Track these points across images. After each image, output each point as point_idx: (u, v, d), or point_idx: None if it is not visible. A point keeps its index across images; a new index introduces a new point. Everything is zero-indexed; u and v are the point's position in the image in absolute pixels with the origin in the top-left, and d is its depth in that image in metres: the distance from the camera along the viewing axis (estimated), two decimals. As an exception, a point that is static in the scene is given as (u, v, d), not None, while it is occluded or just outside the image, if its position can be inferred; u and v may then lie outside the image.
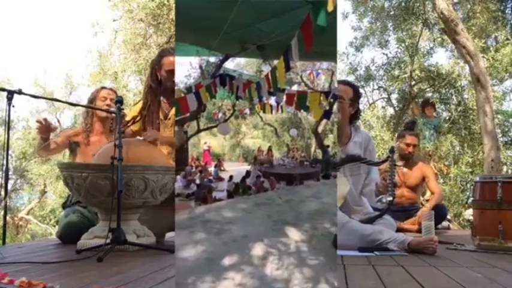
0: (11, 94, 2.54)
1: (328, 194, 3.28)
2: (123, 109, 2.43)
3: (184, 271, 1.70)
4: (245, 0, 2.77)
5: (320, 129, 10.82)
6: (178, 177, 6.12)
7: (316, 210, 2.77)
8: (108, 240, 2.16)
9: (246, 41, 4.24)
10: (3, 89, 2.56)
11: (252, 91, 3.97)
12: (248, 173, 6.83)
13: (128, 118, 2.95)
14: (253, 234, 2.15)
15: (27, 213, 11.12)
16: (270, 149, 9.85)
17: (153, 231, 2.54)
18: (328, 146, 10.29)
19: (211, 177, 7.32)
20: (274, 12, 3.08)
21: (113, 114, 2.84)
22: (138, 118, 2.97)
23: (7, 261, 2.02)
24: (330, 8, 1.95)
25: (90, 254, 2.08)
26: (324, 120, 9.68)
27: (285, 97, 4.18)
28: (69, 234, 2.69)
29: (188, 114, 4.98)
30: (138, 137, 2.96)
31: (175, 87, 3.75)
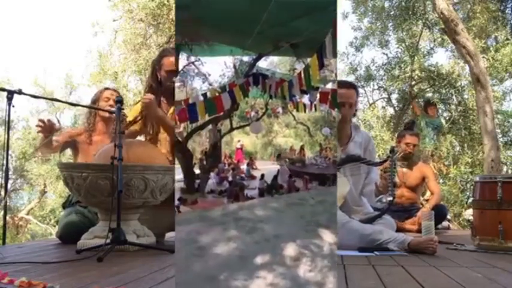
0: (11, 94, 2.54)
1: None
2: (123, 109, 2.43)
3: (217, 267, 1.70)
4: None
5: None
6: (212, 174, 6.18)
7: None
8: (108, 240, 2.16)
9: (280, 40, 4.25)
10: (3, 89, 2.56)
11: (285, 90, 3.97)
12: (279, 171, 6.87)
13: (129, 119, 2.95)
14: (285, 234, 2.14)
15: (27, 213, 11.12)
16: (302, 148, 9.85)
17: (153, 231, 2.54)
18: None
19: (243, 175, 7.38)
20: (308, 10, 3.07)
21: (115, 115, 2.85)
22: (139, 118, 2.98)
23: (7, 261, 2.02)
24: None
25: (90, 254, 2.08)
26: None
27: (318, 95, 4.18)
28: (69, 234, 2.68)
29: (222, 113, 5.04)
30: (139, 138, 2.97)
31: (210, 87, 3.77)
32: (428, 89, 8.75)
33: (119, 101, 2.42)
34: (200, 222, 2.47)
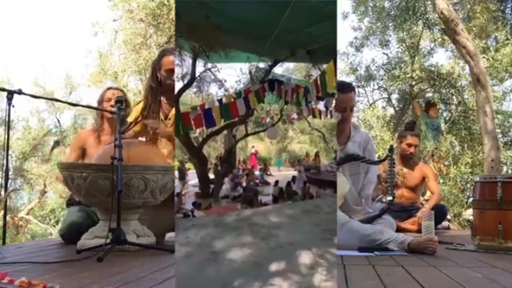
0: (11, 94, 2.54)
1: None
2: (123, 109, 2.43)
3: (231, 273, 1.67)
4: (294, 6, 2.76)
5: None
6: (226, 179, 6.17)
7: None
8: (108, 240, 2.16)
9: (296, 46, 4.25)
10: (3, 89, 2.56)
11: (300, 96, 3.98)
12: (294, 178, 6.81)
13: (130, 119, 2.95)
14: (300, 241, 2.11)
15: (27, 213, 11.11)
16: (317, 155, 9.75)
17: (153, 231, 2.54)
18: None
19: (257, 181, 7.35)
20: (323, 16, 3.07)
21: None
22: (140, 119, 2.98)
23: (7, 261, 2.02)
24: None
25: (90, 254, 2.08)
26: None
27: (334, 102, 4.19)
28: (72, 234, 2.68)
29: (237, 119, 5.05)
30: (140, 138, 2.97)
31: (226, 93, 3.78)
32: (428, 89, 8.75)
33: (119, 101, 2.42)
34: (214, 227, 2.46)
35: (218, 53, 4.44)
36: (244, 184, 6.55)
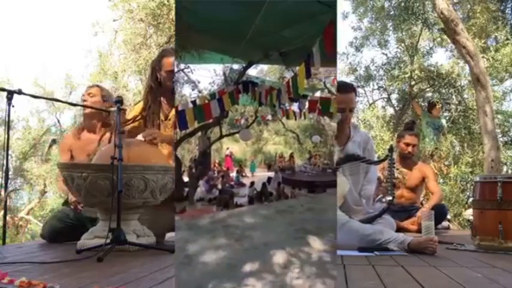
0: (11, 94, 2.54)
1: None
2: (123, 109, 2.44)
3: (205, 276, 1.69)
4: (268, 8, 2.76)
5: None
6: (201, 181, 6.18)
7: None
8: (108, 240, 2.16)
9: (269, 48, 4.25)
10: (3, 89, 2.57)
11: (274, 97, 3.99)
12: (269, 179, 6.85)
13: (128, 117, 2.96)
14: (274, 241, 2.13)
15: (27, 213, 11.11)
16: (291, 156, 9.84)
17: (153, 231, 2.54)
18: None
19: (232, 183, 7.36)
20: (297, 19, 3.07)
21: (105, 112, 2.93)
22: (139, 118, 2.98)
23: (7, 261, 2.02)
24: None
25: (90, 254, 2.08)
26: None
27: (307, 103, 4.21)
28: (50, 237, 2.86)
29: (211, 120, 5.04)
30: (138, 137, 2.96)
31: (200, 95, 3.77)
32: (428, 89, 8.75)
33: (119, 101, 2.42)
34: (188, 230, 2.48)
35: (191, 54, 4.43)
36: (219, 186, 6.56)
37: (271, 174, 7.44)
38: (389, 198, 2.75)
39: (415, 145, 4.14)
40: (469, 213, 6.40)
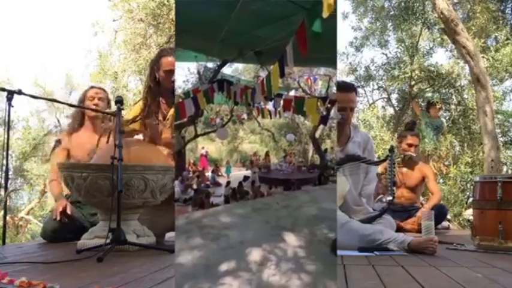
0: (11, 94, 2.55)
1: (326, 199, 3.23)
2: (123, 109, 2.44)
3: (182, 276, 1.70)
4: (243, 7, 2.76)
5: (317, 134, 10.85)
6: (177, 181, 6.17)
7: (314, 216, 2.76)
8: (108, 240, 2.16)
9: (244, 47, 4.25)
10: (3, 89, 2.57)
11: (249, 96, 3.99)
12: (245, 178, 6.87)
13: (127, 117, 2.95)
14: (250, 239, 2.14)
15: (27, 213, 11.11)
16: (267, 154, 9.89)
17: (153, 231, 2.54)
18: (325, 151, 10.28)
19: (208, 183, 7.35)
20: (271, 19, 3.07)
21: (103, 114, 2.92)
22: (138, 118, 2.98)
23: (7, 261, 2.02)
24: (325, 15, 1.95)
25: (90, 254, 2.08)
26: (321, 125, 9.70)
27: (282, 102, 4.21)
28: (47, 238, 2.89)
29: (186, 119, 4.99)
30: (138, 136, 2.96)
31: (175, 93, 3.76)
32: (428, 89, 8.75)
33: (119, 101, 2.42)
34: None
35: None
36: (195, 186, 6.55)
37: (248, 173, 7.48)
38: (390, 198, 2.75)
39: (416, 145, 4.15)
40: (469, 213, 6.41)
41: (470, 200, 6.80)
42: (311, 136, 10.48)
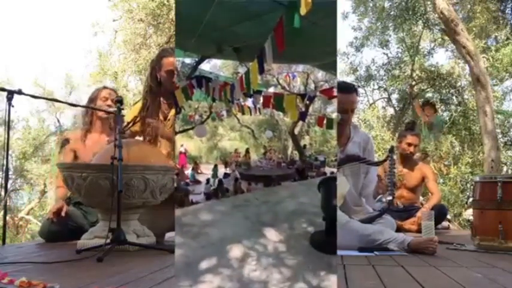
0: (11, 94, 2.54)
1: (305, 194, 3.24)
2: (123, 109, 2.43)
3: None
4: (220, 3, 2.76)
5: (296, 130, 10.91)
6: None
7: (293, 211, 2.76)
8: (108, 240, 2.16)
9: (222, 43, 4.23)
10: (3, 89, 2.56)
11: (228, 93, 3.98)
12: (226, 175, 6.88)
13: (127, 119, 2.95)
14: (231, 236, 2.15)
15: (27, 213, 11.12)
16: (247, 151, 9.91)
17: (153, 231, 2.54)
18: (304, 147, 10.33)
19: (188, 181, 7.33)
20: (249, 15, 3.07)
21: (112, 114, 2.88)
22: (138, 119, 2.97)
23: (7, 261, 2.02)
24: (302, 12, 1.95)
25: (90, 254, 2.08)
26: (300, 122, 9.74)
27: (261, 99, 4.22)
28: (48, 237, 2.86)
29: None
30: (138, 137, 2.96)
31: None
32: (428, 89, 8.76)
33: (119, 101, 2.42)
34: None
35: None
36: (174, 184, 6.53)
37: (227, 170, 7.48)
38: (390, 198, 2.75)
39: (416, 145, 4.15)
40: (469, 213, 6.41)
41: (470, 200, 6.80)
42: (290, 132, 10.53)
